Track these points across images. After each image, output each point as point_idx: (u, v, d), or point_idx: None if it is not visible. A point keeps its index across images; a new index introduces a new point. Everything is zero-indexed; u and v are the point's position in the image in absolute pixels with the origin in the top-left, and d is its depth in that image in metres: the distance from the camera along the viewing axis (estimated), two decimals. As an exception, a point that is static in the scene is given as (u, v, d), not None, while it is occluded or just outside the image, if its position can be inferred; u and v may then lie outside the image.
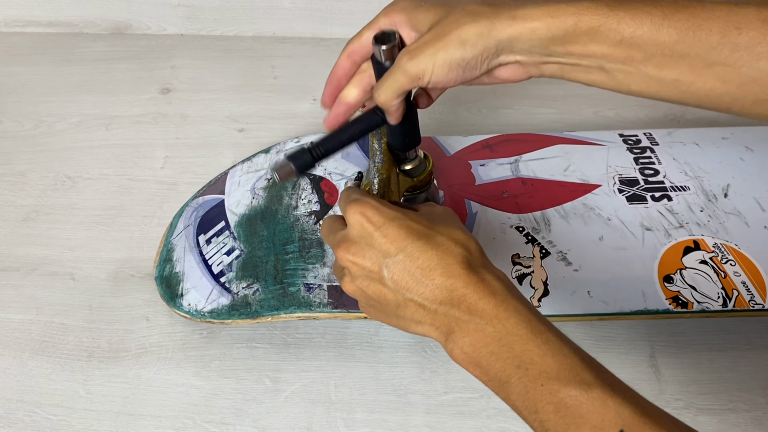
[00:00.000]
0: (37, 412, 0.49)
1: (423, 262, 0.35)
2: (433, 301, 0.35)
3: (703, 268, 0.50)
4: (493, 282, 0.35)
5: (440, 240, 0.36)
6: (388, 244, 0.36)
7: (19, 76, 0.78)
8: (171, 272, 0.54)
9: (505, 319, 0.33)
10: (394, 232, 0.36)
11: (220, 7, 0.83)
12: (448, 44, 0.37)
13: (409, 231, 0.36)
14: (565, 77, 0.40)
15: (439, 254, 0.35)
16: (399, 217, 0.37)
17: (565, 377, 0.31)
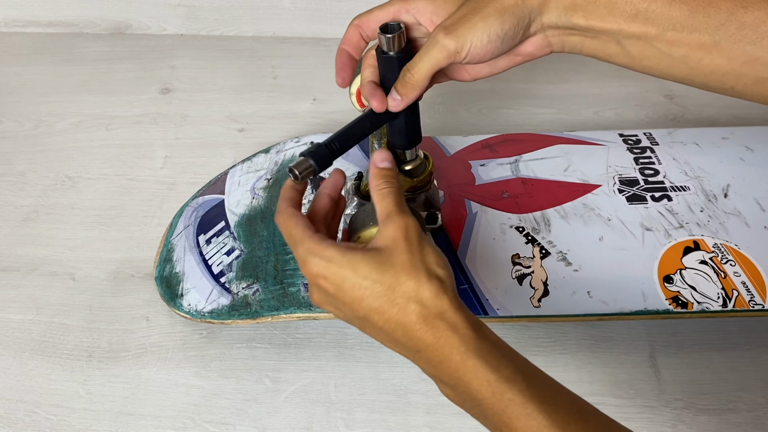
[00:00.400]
0: (37, 412, 0.49)
1: (385, 323, 0.36)
2: (408, 354, 0.37)
3: (703, 269, 0.50)
4: (450, 338, 0.35)
5: (393, 298, 0.36)
6: (349, 303, 0.37)
7: (19, 76, 0.78)
8: (171, 272, 0.54)
9: (467, 383, 0.34)
10: (350, 295, 0.36)
11: (220, 7, 0.83)
12: (487, 15, 0.37)
13: (363, 292, 0.36)
14: (583, 52, 0.42)
15: (396, 314, 0.35)
16: (349, 276, 0.36)
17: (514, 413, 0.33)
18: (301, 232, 0.39)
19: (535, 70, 0.80)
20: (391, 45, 0.41)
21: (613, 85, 0.78)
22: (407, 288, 0.36)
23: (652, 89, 0.77)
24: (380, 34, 0.40)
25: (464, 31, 0.38)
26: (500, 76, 0.81)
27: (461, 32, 0.38)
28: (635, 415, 0.48)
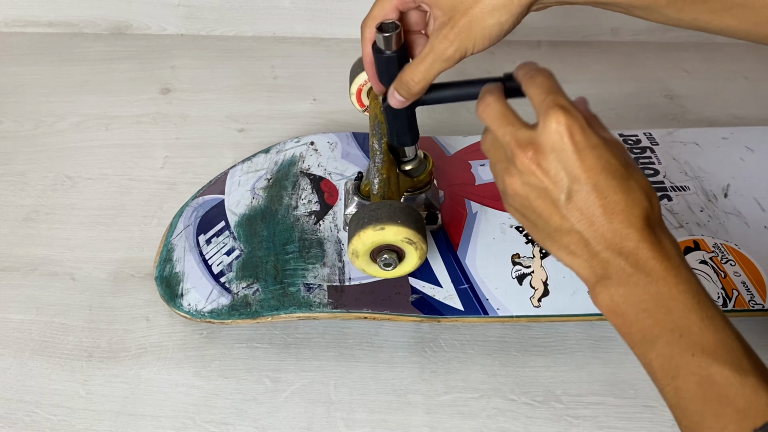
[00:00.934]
0: (37, 412, 0.49)
1: (609, 202, 0.33)
2: (601, 243, 0.34)
3: (703, 268, 0.50)
4: (669, 246, 0.34)
5: (632, 185, 0.34)
6: (582, 170, 0.34)
7: (19, 76, 0.78)
8: (171, 272, 0.54)
9: (674, 285, 0.33)
10: (592, 161, 0.34)
11: (220, 7, 0.83)
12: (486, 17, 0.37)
13: (607, 165, 0.34)
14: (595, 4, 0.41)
15: (627, 200, 0.34)
16: (602, 146, 0.34)
17: (722, 356, 0.31)
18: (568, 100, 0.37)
19: (535, 70, 0.80)
20: (388, 44, 0.41)
21: (613, 85, 0.78)
22: (645, 186, 0.35)
23: (652, 89, 0.78)
24: (377, 33, 0.40)
25: (464, 38, 0.38)
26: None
27: (462, 39, 0.38)
28: (635, 415, 0.48)
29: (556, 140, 0.34)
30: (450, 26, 0.38)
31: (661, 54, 0.83)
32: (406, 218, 0.41)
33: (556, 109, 0.35)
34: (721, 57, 0.83)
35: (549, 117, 0.35)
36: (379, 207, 0.42)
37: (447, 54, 0.39)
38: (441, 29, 0.38)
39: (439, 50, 0.39)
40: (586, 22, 0.83)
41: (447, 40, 0.38)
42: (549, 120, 0.35)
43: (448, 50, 0.38)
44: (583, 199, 0.34)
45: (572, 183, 0.34)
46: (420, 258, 0.43)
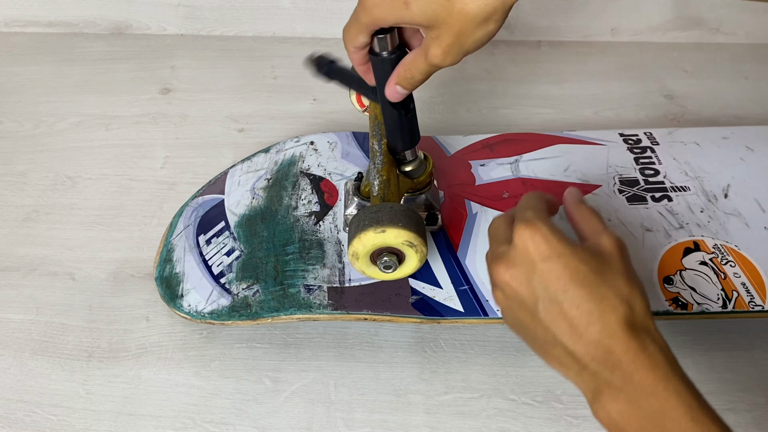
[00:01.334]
0: (37, 412, 0.49)
1: (582, 313, 0.33)
2: (586, 355, 0.33)
3: (702, 270, 0.50)
4: (655, 353, 0.33)
5: (605, 292, 0.34)
6: (551, 281, 0.34)
7: (19, 76, 0.78)
8: (171, 273, 0.54)
9: (664, 399, 0.32)
10: (559, 271, 0.34)
11: (220, 7, 0.83)
12: (474, 31, 0.37)
13: (575, 274, 0.34)
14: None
15: (601, 308, 0.33)
16: (568, 254, 0.35)
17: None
18: (543, 206, 0.38)
19: (535, 70, 0.80)
20: (383, 46, 0.41)
21: (613, 85, 0.78)
22: (622, 290, 0.34)
23: (652, 89, 0.78)
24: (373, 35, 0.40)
25: (456, 53, 0.38)
26: (500, 76, 0.81)
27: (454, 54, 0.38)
28: (635, 416, 0.48)
29: (523, 253, 0.36)
30: (438, 43, 0.38)
31: (661, 54, 0.83)
32: (407, 221, 0.41)
33: (519, 224, 0.36)
34: (721, 57, 0.83)
35: (515, 232, 0.36)
36: (380, 209, 0.42)
37: (443, 62, 0.39)
38: (430, 46, 0.38)
39: (436, 61, 0.39)
40: (586, 22, 0.83)
41: (440, 54, 0.38)
42: (515, 235, 0.36)
43: (445, 61, 0.38)
44: (555, 311, 0.34)
45: (544, 294, 0.34)
46: (420, 261, 0.43)
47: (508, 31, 0.83)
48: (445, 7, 0.36)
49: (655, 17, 0.83)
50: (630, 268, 0.37)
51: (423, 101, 0.75)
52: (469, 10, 0.36)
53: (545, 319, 0.34)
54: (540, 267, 0.35)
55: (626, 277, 0.35)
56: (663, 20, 0.83)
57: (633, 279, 0.36)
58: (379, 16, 0.38)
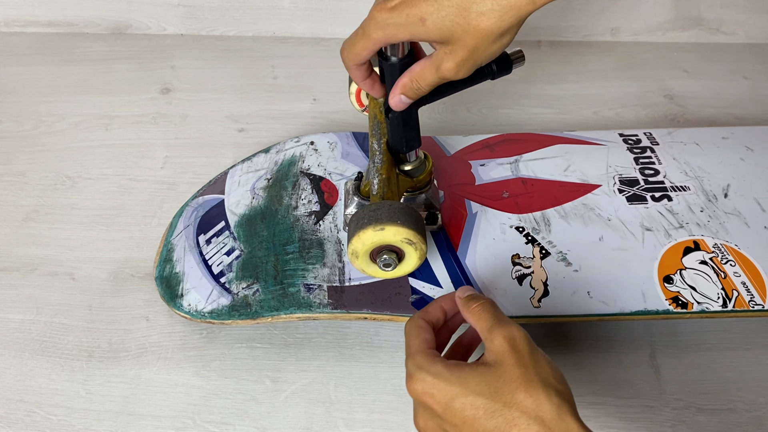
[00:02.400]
0: (37, 412, 0.49)
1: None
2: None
3: (703, 269, 0.50)
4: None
5: (510, 417, 0.33)
6: (459, 425, 0.34)
7: (19, 76, 0.78)
8: (171, 272, 0.54)
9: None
10: (461, 414, 0.34)
11: (220, 7, 0.83)
12: (489, 46, 0.37)
13: (475, 410, 0.34)
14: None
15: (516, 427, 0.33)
16: (459, 393, 0.34)
17: None
18: (418, 344, 0.38)
19: (535, 70, 0.80)
20: (394, 51, 0.41)
21: (613, 85, 0.78)
22: (525, 406, 0.33)
23: (652, 89, 0.78)
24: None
25: (470, 66, 0.38)
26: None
27: (468, 67, 0.38)
28: (635, 415, 0.48)
29: (425, 408, 0.36)
30: (452, 57, 0.37)
31: (661, 54, 0.83)
32: (406, 218, 0.41)
33: (408, 380, 0.37)
34: (721, 57, 0.83)
35: (409, 390, 0.37)
36: (379, 207, 0.42)
37: (456, 76, 0.38)
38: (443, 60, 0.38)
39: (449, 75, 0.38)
40: (586, 22, 0.83)
41: (453, 68, 0.38)
42: (411, 394, 0.37)
43: (458, 75, 0.38)
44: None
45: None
46: (420, 258, 0.43)
47: (508, 31, 0.83)
48: (461, 24, 0.35)
49: (655, 17, 0.83)
50: (528, 367, 0.35)
51: (423, 101, 0.75)
52: (486, 27, 0.35)
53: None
54: (445, 416, 0.35)
55: (524, 385, 0.34)
56: (663, 20, 0.83)
57: (533, 382, 0.34)
58: (392, 33, 0.37)
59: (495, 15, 0.35)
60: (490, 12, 0.35)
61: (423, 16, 0.35)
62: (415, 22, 0.36)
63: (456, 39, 0.36)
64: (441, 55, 0.38)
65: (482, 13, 0.35)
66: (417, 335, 0.39)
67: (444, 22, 0.35)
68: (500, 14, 0.35)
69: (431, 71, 0.39)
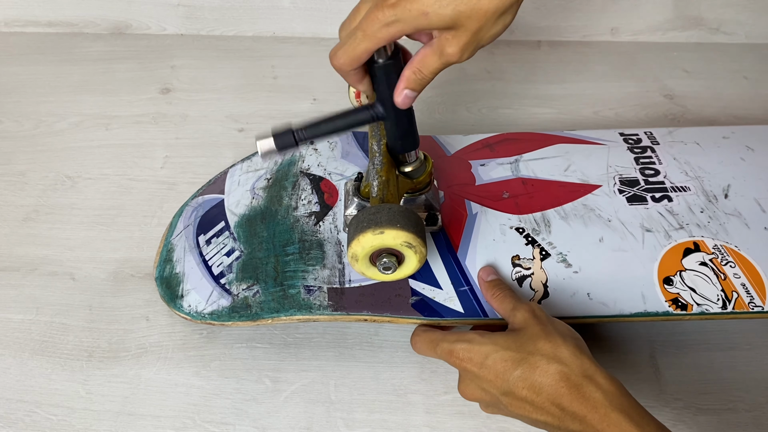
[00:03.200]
0: (37, 412, 0.49)
1: (529, 390, 0.38)
2: (553, 419, 0.38)
3: (702, 270, 0.50)
4: (592, 393, 0.37)
5: (533, 361, 0.39)
6: (494, 380, 0.39)
7: (19, 76, 0.78)
8: (171, 273, 0.54)
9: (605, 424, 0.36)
10: (494, 368, 0.39)
11: (220, 7, 0.83)
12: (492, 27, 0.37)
13: (505, 362, 0.39)
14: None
15: (539, 376, 0.38)
16: (491, 351, 0.40)
17: None
18: (440, 333, 0.44)
19: (535, 70, 0.80)
20: (382, 53, 0.41)
21: (613, 85, 0.78)
22: (545, 350, 0.39)
23: (652, 89, 0.78)
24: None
25: (473, 48, 0.38)
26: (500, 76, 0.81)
27: (471, 49, 0.38)
28: (635, 416, 0.48)
29: (465, 373, 0.42)
30: (455, 42, 0.38)
31: (661, 54, 0.83)
32: (406, 222, 0.41)
33: (448, 356, 0.42)
34: (721, 57, 0.83)
35: (444, 359, 0.43)
36: (379, 210, 0.42)
37: (461, 59, 0.39)
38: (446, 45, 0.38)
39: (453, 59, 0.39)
40: (586, 22, 0.83)
41: (457, 52, 0.38)
42: (447, 361, 0.43)
43: (462, 58, 0.39)
44: (514, 399, 0.39)
45: (497, 392, 0.40)
46: (419, 261, 0.43)
47: (508, 31, 0.83)
48: (464, 10, 0.36)
49: (655, 17, 0.83)
50: (546, 325, 0.41)
51: (423, 101, 0.75)
52: (488, 8, 0.36)
53: (513, 410, 0.40)
54: (481, 374, 0.40)
55: (544, 336, 0.40)
56: (663, 20, 0.83)
57: (551, 333, 0.40)
58: (397, 29, 0.37)
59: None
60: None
61: (425, 9, 0.36)
62: (417, 16, 0.36)
63: (459, 24, 0.37)
64: (443, 41, 0.38)
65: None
66: (431, 330, 0.45)
67: (446, 10, 0.36)
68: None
69: (434, 58, 0.39)
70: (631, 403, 0.37)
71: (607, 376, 0.38)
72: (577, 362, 0.38)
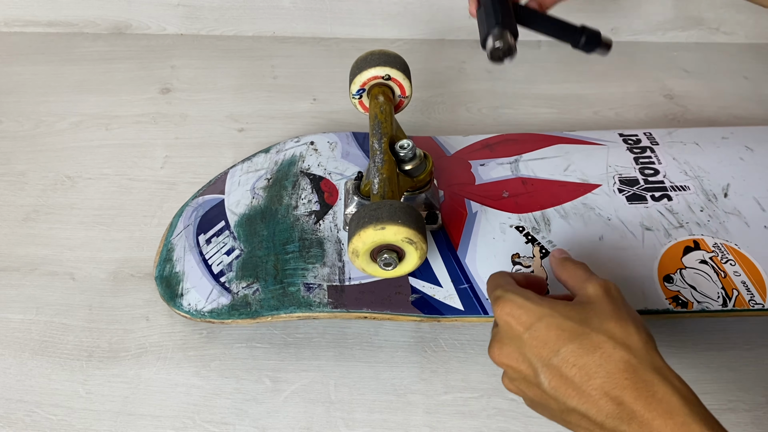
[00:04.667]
0: (37, 412, 0.49)
1: (580, 370, 0.32)
2: (599, 413, 0.31)
3: (703, 268, 0.50)
4: (667, 395, 0.30)
5: (596, 340, 0.32)
6: (540, 347, 0.33)
7: (19, 76, 0.78)
8: (171, 272, 0.54)
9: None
10: (545, 334, 0.33)
11: (220, 7, 0.83)
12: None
13: (561, 331, 0.33)
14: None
15: (597, 359, 0.32)
16: (547, 314, 0.34)
17: None
18: (508, 279, 0.38)
19: (535, 70, 0.80)
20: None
21: (613, 85, 0.78)
22: (614, 333, 0.33)
23: (652, 89, 0.78)
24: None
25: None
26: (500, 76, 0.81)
27: None
28: (635, 415, 0.48)
29: (507, 330, 0.35)
30: None
31: (661, 54, 0.83)
32: (407, 218, 0.41)
33: (494, 305, 0.36)
34: (721, 57, 0.83)
35: (494, 313, 0.36)
36: (380, 206, 0.42)
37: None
38: None
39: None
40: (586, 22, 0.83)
41: None
42: (495, 316, 0.36)
43: None
44: (555, 376, 0.33)
45: (539, 363, 0.33)
46: (420, 258, 0.43)
47: (508, 31, 0.83)
48: None
49: (655, 17, 0.83)
50: (620, 307, 0.35)
51: (423, 101, 0.75)
52: None
53: (550, 388, 0.33)
54: (526, 337, 0.34)
55: (615, 317, 0.34)
56: (663, 20, 0.83)
57: (624, 317, 0.34)
58: None
59: None
60: None
61: None
62: None
63: None
64: None
65: None
66: (504, 275, 0.39)
67: None
68: None
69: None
70: (710, 415, 0.31)
71: (681, 379, 0.32)
72: (648, 356, 0.32)
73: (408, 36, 0.83)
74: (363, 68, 0.53)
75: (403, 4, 0.80)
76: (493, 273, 0.41)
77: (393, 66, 0.53)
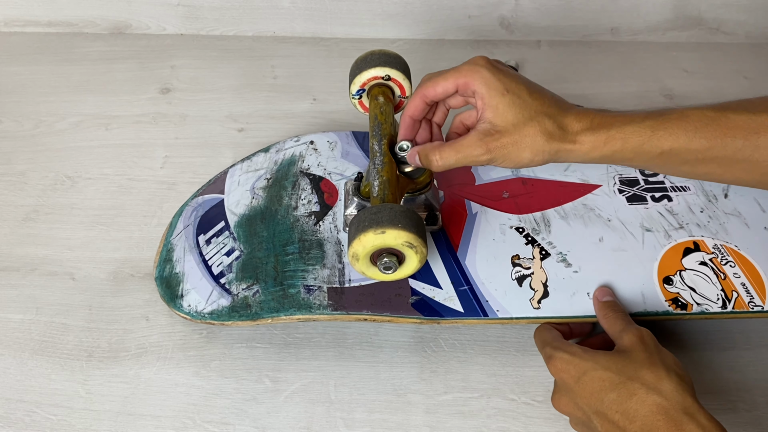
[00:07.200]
0: (37, 412, 0.49)
1: (621, 414, 0.37)
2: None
3: (702, 270, 0.50)
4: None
5: (632, 387, 0.38)
6: (588, 396, 0.39)
7: (19, 76, 0.78)
8: (171, 273, 0.54)
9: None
10: (590, 385, 0.39)
11: (220, 7, 0.83)
12: (521, 152, 0.42)
13: (602, 382, 0.39)
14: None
15: (635, 404, 0.37)
16: (590, 367, 0.40)
17: None
18: (554, 335, 0.45)
19: (535, 70, 0.80)
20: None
21: (613, 85, 0.78)
22: (647, 380, 0.38)
23: (652, 89, 0.77)
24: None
25: (498, 155, 0.42)
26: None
27: (496, 155, 0.42)
28: (635, 416, 0.48)
29: (561, 383, 0.42)
30: (493, 139, 0.42)
31: (661, 54, 0.83)
32: (407, 222, 0.41)
33: (547, 362, 0.43)
34: (721, 57, 0.83)
35: (549, 370, 0.43)
36: (380, 210, 0.42)
37: (479, 160, 0.43)
38: (484, 136, 0.42)
39: (473, 154, 0.42)
40: (586, 22, 0.83)
41: (483, 148, 0.42)
42: (551, 372, 0.43)
43: (481, 157, 0.42)
44: (605, 420, 0.38)
45: (590, 410, 0.39)
46: (420, 261, 0.43)
47: (508, 31, 0.83)
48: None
49: (655, 17, 0.83)
50: (653, 354, 0.40)
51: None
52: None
53: (603, 431, 0.39)
54: (576, 389, 0.40)
55: (648, 365, 0.39)
56: (663, 20, 0.83)
57: (657, 364, 0.39)
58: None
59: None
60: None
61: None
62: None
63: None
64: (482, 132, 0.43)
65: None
66: (549, 330, 0.46)
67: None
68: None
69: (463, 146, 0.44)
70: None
71: (710, 417, 0.37)
72: (679, 398, 0.37)
73: (408, 36, 0.83)
74: (363, 68, 0.53)
75: (403, 4, 0.80)
76: (539, 327, 0.47)
77: (393, 66, 0.53)
